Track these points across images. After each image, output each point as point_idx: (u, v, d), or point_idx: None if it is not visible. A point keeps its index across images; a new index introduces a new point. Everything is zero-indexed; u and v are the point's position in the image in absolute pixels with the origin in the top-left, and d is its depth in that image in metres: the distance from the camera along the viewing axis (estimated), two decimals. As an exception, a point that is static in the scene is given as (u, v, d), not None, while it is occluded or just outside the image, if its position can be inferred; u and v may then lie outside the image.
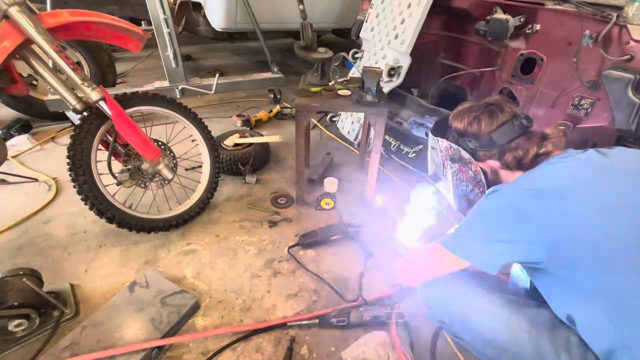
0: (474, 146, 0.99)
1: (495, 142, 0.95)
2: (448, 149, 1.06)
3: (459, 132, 1.02)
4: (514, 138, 0.93)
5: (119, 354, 1.07)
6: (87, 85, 1.34)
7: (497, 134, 0.94)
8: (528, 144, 0.92)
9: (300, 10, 2.68)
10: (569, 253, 0.74)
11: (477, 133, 0.97)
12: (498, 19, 1.67)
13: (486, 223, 0.84)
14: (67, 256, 1.51)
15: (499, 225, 0.81)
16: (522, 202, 0.79)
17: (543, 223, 0.75)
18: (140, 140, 1.46)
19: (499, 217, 0.82)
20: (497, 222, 0.82)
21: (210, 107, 3.19)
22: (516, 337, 0.82)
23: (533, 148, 0.91)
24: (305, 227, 1.73)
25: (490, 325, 0.87)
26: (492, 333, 0.86)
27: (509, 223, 0.79)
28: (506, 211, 0.81)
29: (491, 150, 0.96)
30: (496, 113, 0.95)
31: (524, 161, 0.92)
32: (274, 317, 1.28)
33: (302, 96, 1.62)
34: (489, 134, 0.95)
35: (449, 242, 0.89)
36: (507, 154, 0.94)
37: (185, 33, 3.98)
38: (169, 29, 2.41)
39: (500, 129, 0.94)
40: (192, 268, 1.47)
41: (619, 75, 1.30)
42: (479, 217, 0.87)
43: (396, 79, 2.12)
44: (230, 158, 2.04)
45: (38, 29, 1.22)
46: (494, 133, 0.95)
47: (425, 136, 2.00)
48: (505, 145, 0.94)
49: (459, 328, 0.94)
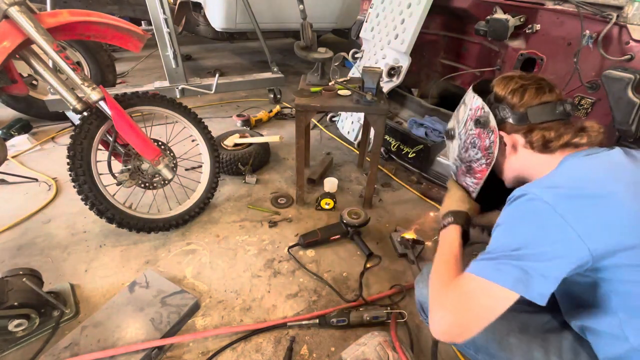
0: (506, 115, 0.91)
1: (529, 117, 0.87)
2: (479, 108, 0.97)
3: (498, 97, 0.94)
4: (550, 120, 0.86)
5: (119, 354, 1.07)
6: (87, 85, 1.34)
7: (535, 110, 0.87)
8: (563, 129, 0.84)
9: (300, 10, 2.68)
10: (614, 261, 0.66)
11: (515, 103, 0.89)
12: (498, 18, 1.67)
13: (522, 236, 0.70)
14: (67, 256, 1.51)
15: (538, 235, 0.68)
16: (561, 203, 0.67)
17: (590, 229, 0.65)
18: (140, 140, 1.46)
19: (537, 226, 0.68)
20: (535, 233, 0.68)
21: (210, 107, 3.19)
22: (506, 344, 0.81)
23: (567, 135, 0.83)
24: (305, 227, 1.73)
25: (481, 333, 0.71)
26: (483, 340, 0.85)
27: (550, 231, 0.67)
28: (544, 215, 0.67)
29: (522, 125, 0.88)
30: (544, 89, 0.88)
31: (552, 145, 0.84)
32: (274, 317, 1.28)
33: (302, 96, 1.62)
34: (527, 108, 0.87)
35: (482, 267, 0.70)
36: (535, 132, 0.86)
37: (185, 33, 3.98)
38: (169, 29, 2.41)
39: (540, 106, 0.87)
40: (192, 268, 1.47)
41: (619, 75, 1.30)
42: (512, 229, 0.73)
43: (396, 79, 2.12)
44: (230, 158, 2.04)
45: (38, 29, 1.22)
46: (532, 108, 0.87)
47: (425, 136, 2.00)
48: (538, 124, 0.87)
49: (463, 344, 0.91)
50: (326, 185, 1.96)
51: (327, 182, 1.95)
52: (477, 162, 1.01)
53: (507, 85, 0.92)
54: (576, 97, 1.57)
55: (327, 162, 2.21)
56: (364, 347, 1.10)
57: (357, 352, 1.09)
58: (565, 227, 0.65)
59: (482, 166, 1.00)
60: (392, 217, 1.84)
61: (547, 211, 0.67)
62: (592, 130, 0.84)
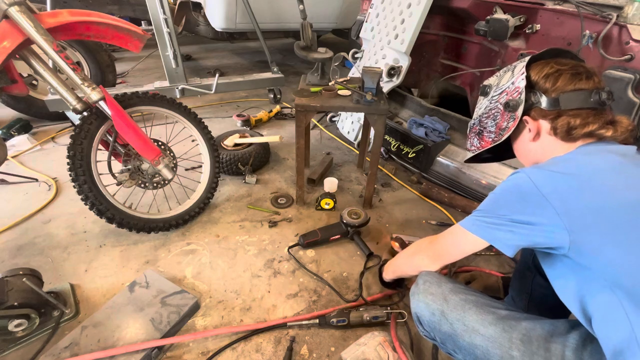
0: (536, 101, 0.89)
1: (560, 103, 0.85)
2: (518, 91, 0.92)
3: (530, 82, 0.90)
4: (582, 108, 0.83)
5: (119, 354, 1.07)
6: (87, 85, 1.34)
7: (568, 96, 0.84)
8: (592, 119, 0.82)
9: (300, 10, 2.69)
10: (593, 240, 0.69)
11: (548, 88, 0.87)
12: (498, 18, 1.67)
13: (507, 203, 0.79)
14: (67, 256, 1.51)
15: (520, 205, 0.76)
16: (547, 183, 0.74)
17: (568, 207, 0.71)
18: (140, 140, 1.46)
19: (520, 198, 0.77)
20: (518, 203, 0.77)
21: (210, 107, 3.19)
22: (509, 357, 0.79)
23: (593, 125, 0.81)
24: (305, 227, 1.73)
25: (482, 345, 0.82)
26: (484, 353, 0.83)
27: (531, 204, 0.74)
28: (529, 192, 0.75)
29: (551, 110, 0.86)
30: (580, 76, 0.85)
31: (575, 132, 0.83)
32: (274, 317, 1.28)
33: (302, 96, 1.62)
34: (560, 94, 0.85)
35: (468, 223, 0.86)
36: (562, 118, 0.84)
37: (185, 33, 3.99)
38: (169, 29, 2.41)
39: (574, 92, 0.84)
40: (192, 268, 1.48)
41: (619, 75, 1.30)
42: (500, 196, 0.82)
43: (396, 79, 2.12)
44: (230, 158, 2.04)
45: (38, 29, 1.22)
46: (565, 94, 0.84)
47: (425, 136, 2.00)
48: (567, 111, 0.84)
49: (451, 346, 0.91)
50: (326, 185, 1.96)
51: (327, 182, 1.95)
52: (488, 133, 1.02)
53: (542, 69, 0.89)
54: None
55: (327, 162, 2.21)
56: (364, 347, 1.10)
57: (357, 352, 1.09)
58: (546, 205, 0.72)
59: (489, 139, 1.02)
60: (392, 217, 1.84)
61: (531, 189, 0.75)
62: (620, 125, 0.83)
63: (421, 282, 0.96)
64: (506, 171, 1.77)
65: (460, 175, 1.93)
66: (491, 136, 1.01)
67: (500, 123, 0.97)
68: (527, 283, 1.12)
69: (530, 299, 1.12)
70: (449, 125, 2.08)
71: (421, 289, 0.95)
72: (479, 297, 0.90)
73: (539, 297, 1.09)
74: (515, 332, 0.80)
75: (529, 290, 1.11)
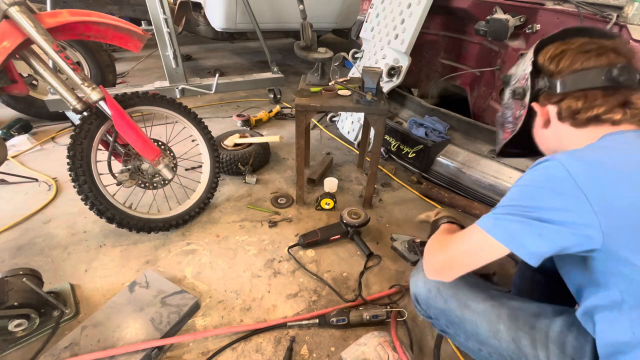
0: (541, 86, 0.81)
1: (567, 85, 0.76)
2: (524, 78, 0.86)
3: (536, 66, 0.83)
4: (589, 89, 0.74)
5: (119, 354, 1.07)
6: (87, 85, 1.34)
7: (574, 77, 0.75)
8: (600, 100, 0.72)
9: (300, 10, 2.69)
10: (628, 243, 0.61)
11: (552, 71, 0.79)
12: (498, 18, 1.67)
13: (536, 196, 0.67)
14: (67, 256, 1.51)
15: (551, 199, 0.65)
16: (583, 173, 0.63)
17: (607, 204, 0.61)
18: (140, 140, 1.46)
19: (552, 190, 0.65)
20: (549, 196, 0.65)
21: (210, 107, 3.19)
22: (495, 331, 0.82)
23: (601, 107, 0.72)
24: (305, 227, 1.73)
25: (471, 319, 0.86)
26: (473, 326, 0.87)
27: (565, 197, 0.63)
28: (563, 182, 0.63)
29: (556, 94, 0.78)
30: (589, 54, 0.75)
31: (579, 116, 0.75)
32: (274, 317, 1.28)
33: (302, 96, 1.62)
34: (565, 75, 0.76)
35: (487, 222, 0.72)
36: (567, 100, 0.76)
37: (185, 33, 3.99)
38: (169, 29, 2.41)
39: (579, 73, 0.75)
40: (192, 268, 1.48)
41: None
42: (527, 188, 0.70)
43: (396, 79, 2.12)
44: (230, 158, 2.04)
45: (38, 29, 1.22)
46: (570, 75, 0.76)
47: (425, 136, 2.00)
48: (572, 93, 0.76)
49: (444, 322, 0.94)
50: (326, 185, 1.96)
51: (327, 182, 1.95)
52: (507, 124, 0.97)
53: (547, 51, 0.82)
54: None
55: (327, 162, 2.21)
56: (364, 347, 1.10)
57: (357, 352, 1.09)
58: (582, 200, 0.61)
59: (508, 130, 0.96)
60: (392, 217, 1.84)
61: (567, 180, 0.63)
62: (635, 106, 0.73)
63: (421, 266, 0.98)
64: (506, 171, 1.77)
65: (460, 175, 1.93)
66: (509, 127, 0.95)
67: (515, 112, 0.91)
68: (527, 282, 1.12)
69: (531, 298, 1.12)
70: (449, 125, 2.08)
71: (421, 271, 0.98)
72: (474, 278, 0.94)
73: (539, 295, 1.10)
74: (503, 309, 0.83)
75: (530, 289, 1.11)
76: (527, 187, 0.70)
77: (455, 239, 0.81)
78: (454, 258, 0.80)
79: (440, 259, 0.82)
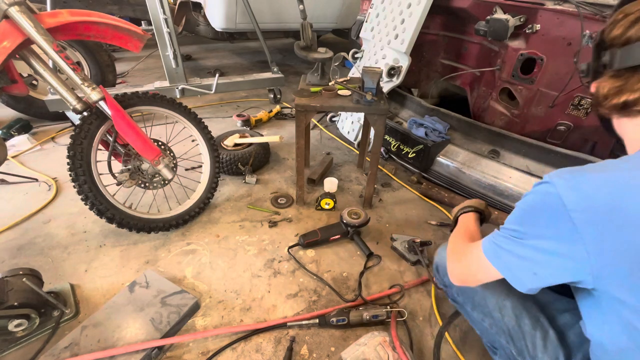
0: (604, 62, 0.68)
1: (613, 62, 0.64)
2: None
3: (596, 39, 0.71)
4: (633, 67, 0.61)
5: (119, 354, 1.07)
6: (87, 85, 1.34)
7: (621, 52, 0.62)
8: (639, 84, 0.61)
9: (300, 10, 2.69)
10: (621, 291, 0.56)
11: (607, 45, 0.67)
12: (498, 18, 1.67)
13: (533, 223, 0.64)
14: (67, 256, 1.51)
15: (545, 230, 0.61)
16: (579, 202, 0.56)
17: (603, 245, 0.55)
18: (140, 140, 1.46)
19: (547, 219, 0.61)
20: (543, 226, 0.61)
21: (210, 107, 3.19)
22: (501, 306, 0.87)
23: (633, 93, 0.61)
24: (305, 227, 1.73)
25: (482, 291, 0.91)
26: (481, 298, 0.91)
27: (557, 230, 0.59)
28: (554, 211, 0.59)
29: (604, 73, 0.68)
30: None
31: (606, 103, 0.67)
32: (274, 317, 1.28)
33: (302, 96, 1.62)
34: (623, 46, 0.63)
35: (489, 248, 0.73)
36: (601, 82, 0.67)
37: (185, 33, 3.98)
38: (169, 29, 2.41)
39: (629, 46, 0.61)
40: (192, 268, 1.47)
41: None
42: (524, 213, 0.67)
43: (396, 79, 2.12)
44: (230, 158, 2.04)
45: (38, 29, 1.22)
46: (618, 50, 0.63)
47: (425, 136, 2.00)
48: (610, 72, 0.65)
49: (455, 290, 1.01)
50: (326, 185, 1.96)
51: (327, 182, 1.95)
52: None
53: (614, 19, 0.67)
54: (576, 97, 1.57)
55: (327, 162, 2.21)
56: (364, 347, 1.10)
57: (357, 352, 1.09)
58: (573, 234, 0.57)
59: None
60: (392, 217, 1.84)
61: (556, 208, 0.58)
62: None
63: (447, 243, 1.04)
64: (506, 171, 1.77)
65: (460, 175, 1.93)
66: None
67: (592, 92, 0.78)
68: None
69: None
70: (449, 125, 2.08)
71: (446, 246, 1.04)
72: None
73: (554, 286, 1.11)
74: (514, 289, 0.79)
75: None
76: (525, 211, 0.67)
77: (467, 253, 0.83)
78: (468, 274, 0.82)
79: (458, 270, 0.85)
